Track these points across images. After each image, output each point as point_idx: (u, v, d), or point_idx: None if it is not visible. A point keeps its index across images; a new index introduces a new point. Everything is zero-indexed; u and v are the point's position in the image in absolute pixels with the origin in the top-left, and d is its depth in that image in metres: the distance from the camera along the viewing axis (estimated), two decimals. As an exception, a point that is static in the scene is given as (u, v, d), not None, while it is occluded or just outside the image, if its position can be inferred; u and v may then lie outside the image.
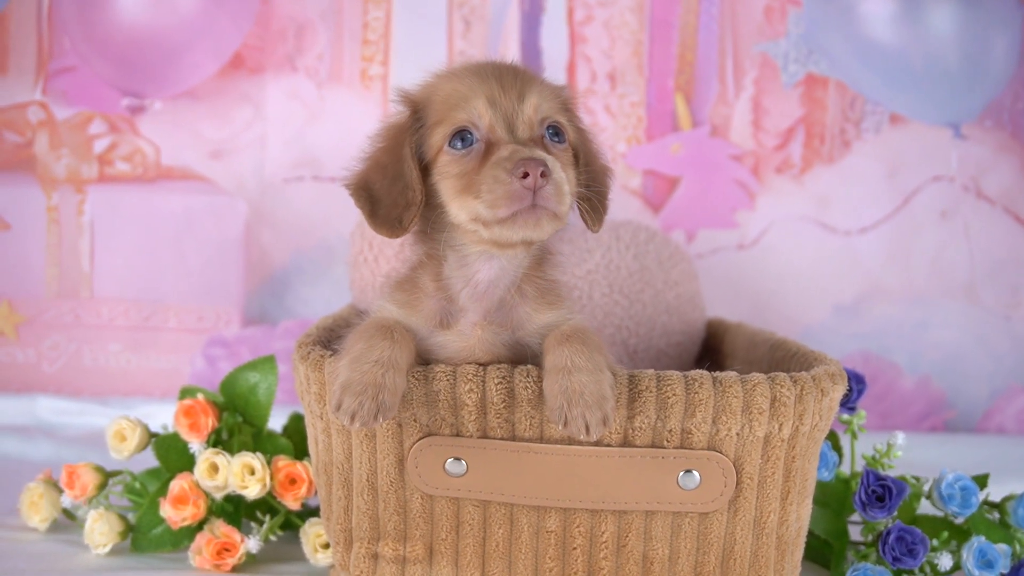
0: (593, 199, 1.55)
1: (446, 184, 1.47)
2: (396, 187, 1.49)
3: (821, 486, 1.85)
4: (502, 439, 1.47)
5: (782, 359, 1.78)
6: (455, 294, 1.52)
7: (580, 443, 1.45)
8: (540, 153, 1.41)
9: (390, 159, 1.51)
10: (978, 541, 1.73)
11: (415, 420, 1.48)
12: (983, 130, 2.91)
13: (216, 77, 2.86)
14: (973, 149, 2.91)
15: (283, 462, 1.82)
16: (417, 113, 1.52)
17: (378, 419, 1.36)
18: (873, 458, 1.86)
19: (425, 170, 1.50)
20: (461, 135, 1.46)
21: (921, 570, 1.76)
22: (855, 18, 2.88)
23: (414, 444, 1.49)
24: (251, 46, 2.86)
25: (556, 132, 1.50)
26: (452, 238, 1.51)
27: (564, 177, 1.42)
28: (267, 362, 1.93)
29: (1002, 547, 1.76)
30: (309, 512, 1.90)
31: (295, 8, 2.86)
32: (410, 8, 2.87)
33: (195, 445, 1.84)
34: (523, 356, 1.51)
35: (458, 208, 1.45)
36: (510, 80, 1.47)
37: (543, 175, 1.37)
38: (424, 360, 1.51)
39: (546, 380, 1.41)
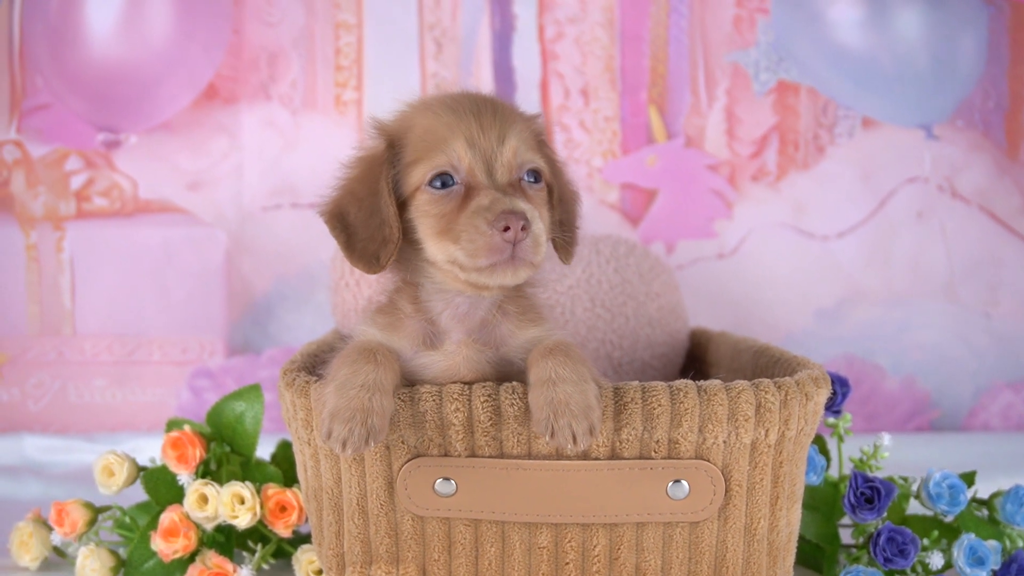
0: (565, 237, 1.58)
1: (424, 223, 1.47)
2: (373, 222, 1.49)
3: (810, 490, 1.85)
4: (490, 457, 1.47)
5: (766, 366, 1.78)
6: (435, 316, 1.52)
7: (568, 458, 1.46)
8: (520, 205, 1.41)
9: (366, 192, 1.50)
10: (968, 539, 1.74)
11: (403, 442, 1.48)
12: (955, 130, 2.93)
13: (190, 109, 2.87)
14: (946, 149, 2.93)
15: (273, 490, 1.82)
16: (393, 146, 1.51)
17: (369, 443, 1.36)
18: (860, 460, 1.87)
19: (401, 203, 1.50)
20: (441, 177, 1.46)
21: (913, 570, 1.76)
22: (823, 24, 2.90)
23: (403, 466, 1.49)
24: (224, 76, 2.87)
25: (533, 173, 1.50)
26: (428, 271, 1.51)
27: (542, 228, 1.43)
28: (253, 391, 1.93)
29: (992, 544, 1.76)
30: (301, 539, 1.89)
31: (267, 37, 2.86)
32: (381, 32, 2.88)
33: (184, 477, 1.84)
34: (508, 373, 1.51)
35: (436, 249, 1.46)
36: (489, 118, 1.47)
37: (523, 228, 1.38)
38: (409, 381, 1.51)
39: (531, 393, 1.41)
